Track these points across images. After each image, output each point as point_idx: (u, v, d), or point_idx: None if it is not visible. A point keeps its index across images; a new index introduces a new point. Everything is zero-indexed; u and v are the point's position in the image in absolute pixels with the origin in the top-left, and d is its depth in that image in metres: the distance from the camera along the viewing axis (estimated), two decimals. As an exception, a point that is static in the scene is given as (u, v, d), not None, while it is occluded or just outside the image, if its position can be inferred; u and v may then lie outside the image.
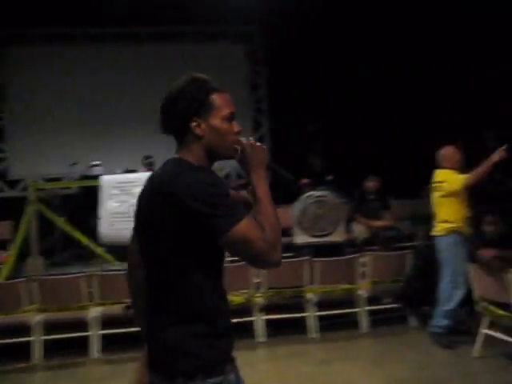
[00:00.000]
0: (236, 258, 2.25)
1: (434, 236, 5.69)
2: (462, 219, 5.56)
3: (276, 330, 6.16)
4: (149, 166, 8.38)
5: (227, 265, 7.23)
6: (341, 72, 10.12)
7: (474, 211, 5.90)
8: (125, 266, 2.26)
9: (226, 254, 2.01)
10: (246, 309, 6.04)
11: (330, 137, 9.66)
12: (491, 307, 5.10)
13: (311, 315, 6.10)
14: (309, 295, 6.15)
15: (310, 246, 7.34)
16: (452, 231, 5.51)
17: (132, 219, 2.10)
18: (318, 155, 9.23)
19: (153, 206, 1.95)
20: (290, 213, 7.46)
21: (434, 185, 5.71)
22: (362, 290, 6.25)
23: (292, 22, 9.76)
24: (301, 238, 7.32)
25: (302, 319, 6.15)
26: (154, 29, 10.68)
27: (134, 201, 2.11)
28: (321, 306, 6.21)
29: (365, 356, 5.75)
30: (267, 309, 6.14)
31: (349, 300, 6.34)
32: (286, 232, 7.95)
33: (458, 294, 5.51)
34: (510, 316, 4.69)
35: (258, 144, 2.05)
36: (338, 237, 7.37)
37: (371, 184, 7.98)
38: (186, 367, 1.89)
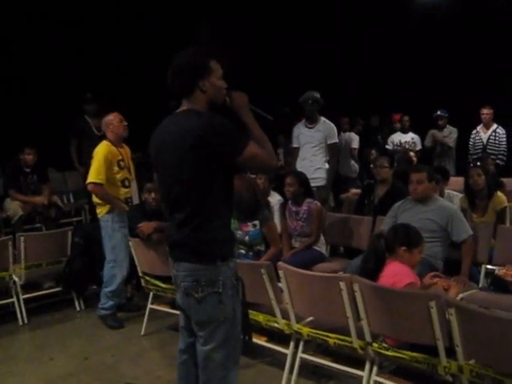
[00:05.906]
0: None
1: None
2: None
3: None
4: None
5: None
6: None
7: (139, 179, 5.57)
8: None
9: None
10: None
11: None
12: (154, 281, 4.85)
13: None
14: None
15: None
16: (110, 209, 5.05)
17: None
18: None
19: (179, 148, 2.49)
20: None
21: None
22: (17, 276, 5.40)
23: None
24: None
25: None
26: None
27: None
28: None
29: (22, 354, 4.87)
30: None
31: (2, 289, 5.49)
32: None
33: (120, 273, 5.13)
34: (172, 289, 4.41)
35: (240, 92, 2.65)
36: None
37: (27, 156, 7.11)
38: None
